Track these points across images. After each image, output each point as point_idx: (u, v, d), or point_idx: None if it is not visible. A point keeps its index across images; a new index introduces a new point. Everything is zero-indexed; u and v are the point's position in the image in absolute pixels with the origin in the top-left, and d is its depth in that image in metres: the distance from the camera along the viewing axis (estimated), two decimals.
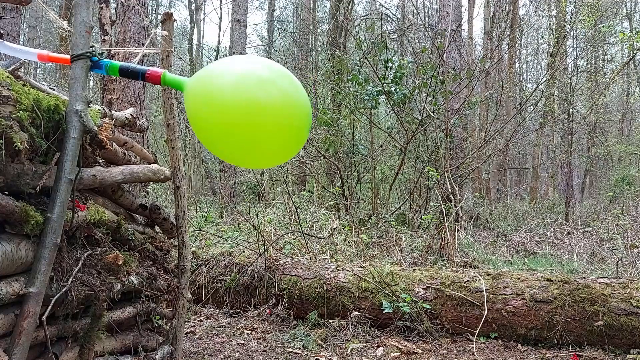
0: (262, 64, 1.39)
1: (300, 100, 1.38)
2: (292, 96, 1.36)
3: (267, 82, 1.33)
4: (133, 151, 2.14)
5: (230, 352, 2.97)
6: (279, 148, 1.41)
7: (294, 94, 1.37)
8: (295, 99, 1.37)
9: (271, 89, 1.32)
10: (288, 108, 1.34)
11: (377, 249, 5.39)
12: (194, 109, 1.39)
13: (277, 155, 1.46)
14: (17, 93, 1.29)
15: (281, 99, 1.33)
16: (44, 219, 1.37)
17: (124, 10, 4.77)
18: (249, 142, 1.34)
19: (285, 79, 1.38)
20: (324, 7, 19.84)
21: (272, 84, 1.33)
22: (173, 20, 2.17)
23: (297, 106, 1.37)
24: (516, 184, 17.25)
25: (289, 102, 1.35)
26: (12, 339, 1.30)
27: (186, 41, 19.21)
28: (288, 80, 1.38)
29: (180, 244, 2.34)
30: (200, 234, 5.36)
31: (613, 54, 17.93)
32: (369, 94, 7.23)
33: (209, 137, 1.40)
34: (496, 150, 9.92)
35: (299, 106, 1.37)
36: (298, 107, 1.37)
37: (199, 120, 1.38)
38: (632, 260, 4.74)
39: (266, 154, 1.42)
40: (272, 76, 1.35)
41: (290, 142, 1.41)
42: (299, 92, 1.39)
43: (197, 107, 1.38)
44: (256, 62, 1.40)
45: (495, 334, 3.20)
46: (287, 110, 1.34)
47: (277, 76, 1.37)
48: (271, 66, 1.39)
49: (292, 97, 1.36)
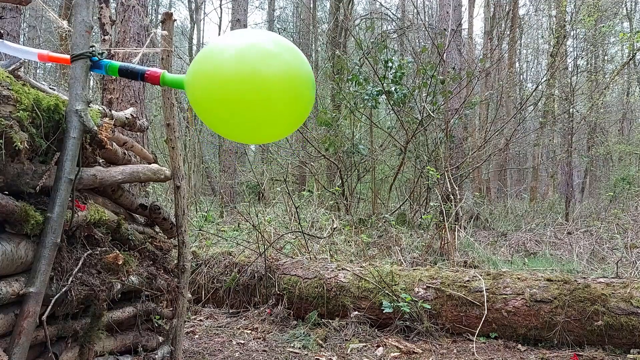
0: (265, 36, 1.39)
1: (303, 72, 1.38)
2: (295, 69, 1.36)
3: (270, 55, 1.33)
4: (133, 151, 2.14)
5: (230, 352, 2.97)
6: (282, 121, 1.41)
7: (297, 67, 1.37)
8: (298, 71, 1.37)
9: (273, 62, 1.32)
10: (291, 80, 1.34)
11: (377, 249, 5.39)
12: (196, 89, 1.38)
13: (280, 129, 1.46)
14: (17, 93, 1.29)
15: (284, 71, 1.33)
16: (43, 219, 1.37)
17: (124, 10, 4.77)
18: (251, 116, 1.34)
19: (288, 51, 1.37)
20: (324, 7, 19.84)
21: (275, 57, 1.33)
22: (173, 20, 2.17)
23: (300, 79, 1.37)
24: (516, 184, 17.26)
25: (291, 75, 1.35)
26: (12, 338, 1.30)
27: (186, 41, 19.21)
28: (291, 53, 1.38)
29: (180, 243, 2.34)
30: (200, 234, 5.36)
31: (613, 54, 17.93)
32: (369, 93, 7.23)
33: (212, 114, 1.40)
34: (496, 150, 9.93)
35: (301, 79, 1.37)
36: (301, 80, 1.37)
37: (202, 99, 1.38)
38: (632, 260, 4.74)
39: (269, 128, 1.42)
40: (275, 49, 1.35)
41: (293, 115, 1.41)
42: (302, 64, 1.39)
43: (200, 85, 1.37)
44: (259, 35, 1.39)
45: (495, 334, 3.20)
46: (290, 83, 1.34)
47: (281, 49, 1.36)
48: (275, 39, 1.39)
49: (295, 69, 1.36)
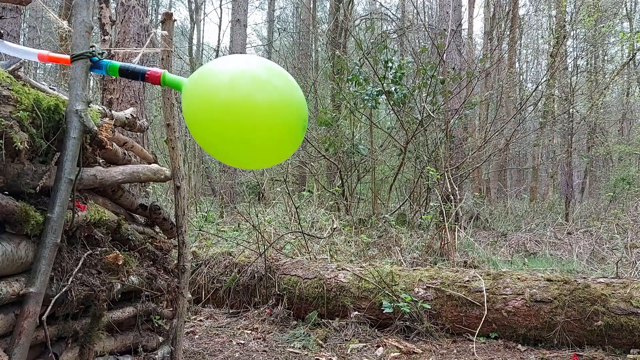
0: (258, 63, 1.38)
1: (296, 100, 1.38)
2: (288, 96, 1.35)
3: (263, 82, 1.32)
4: (133, 151, 2.14)
5: (230, 352, 2.97)
6: (274, 148, 1.40)
7: (290, 94, 1.36)
8: (291, 98, 1.36)
9: (267, 89, 1.31)
10: (284, 108, 1.33)
11: (377, 249, 5.39)
12: (190, 109, 1.38)
13: (273, 156, 1.45)
14: (17, 93, 1.29)
15: (277, 98, 1.32)
16: (44, 219, 1.37)
17: (124, 10, 4.77)
18: (244, 142, 1.33)
19: (281, 78, 1.37)
20: (324, 7, 19.85)
21: (268, 84, 1.33)
22: (173, 20, 2.17)
23: (293, 106, 1.36)
24: (516, 184, 17.26)
25: (284, 102, 1.34)
26: (12, 338, 1.30)
27: (186, 41, 19.22)
28: (284, 80, 1.37)
29: (180, 244, 2.34)
30: (200, 234, 5.36)
31: (613, 54, 17.94)
32: (369, 94, 7.23)
33: (204, 136, 1.40)
34: (496, 150, 9.93)
35: (294, 106, 1.36)
36: (294, 107, 1.36)
37: (195, 120, 1.38)
38: (632, 260, 4.74)
39: (262, 154, 1.41)
40: (268, 75, 1.34)
41: (286, 142, 1.40)
42: (294, 91, 1.38)
43: (194, 106, 1.37)
44: (252, 61, 1.39)
45: (495, 334, 3.20)
46: (283, 110, 1.33)
47: (273, 75, 1.36)
48: (267, 65, 1.38)
49: (288, 96, 1.35)
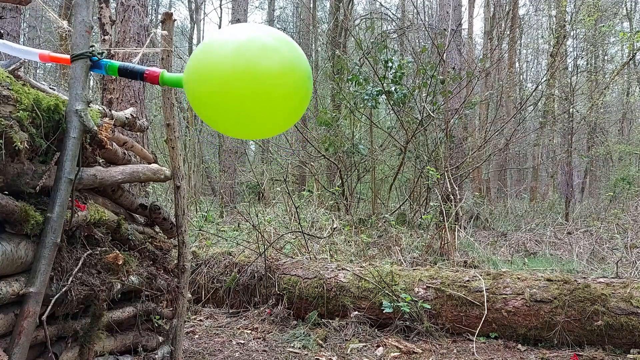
0: (262, 30, 1.40)
1: (301, 66, 1.40)
2: (293, 62, 1.38)
3: (268, 49, 1.34)
4: (133, 151, 2.14)
5: (230, 352, 2.97)
6: (280, 115, 1.42)
7: (295, 60, 1.39)
8: (296, 64, 1.38)
9: (271, 56, 1.33)
10: (290, 74, 1.36)
11: (377, 249, 5.39)
12: (194, 85, 1.39)
13: (279, 123, 1.47)
14: (17, 93, 1.29)
15: (282, 65, 1.34)
16: (43, 219, 1.37)
17: (124, 9, 4.77)
18: (249, 110, 1.35)
19: (285, 45, 1.39)
20: (324, 7, 19.85)
21: (273, 51, 1.34)
22: (173, 20, 2.17)
23: (298, 72, 1.39)
24: (516, 184, 17.26)
25: (290, 69, 1.36)
26: (12, 338, 1.30)
27: (186, 41, 19.22)
28: (288, 47, 1.39)
29: (180, 243, 2.34)
30: (200, 234, 5.36)
31: (613, 53, 17.94)
32: (369, 93, 7.23)
33: (210, 110, 1.41)
34: (496, 150, 9.93)
35: (299, 72, 1.39)
36: (299, 74, 1.39)
37: (200, 94, 1.38)
38: (632, 260, 4.74)
39: (268, 122, 1.43)
40: (274, 43, 1.36)
41: (292, 109, 1.43)
42: (299, 58, 1.41)
43: (197, 80, 1.38)
44: (256, 29, 1.40)
45: (495, 334, 3.20)
46: (289, 77, 1.35)
47: (280, 43, 1.38)
48: (272, 33, 1.40)
49: (293, 63, 1.38)
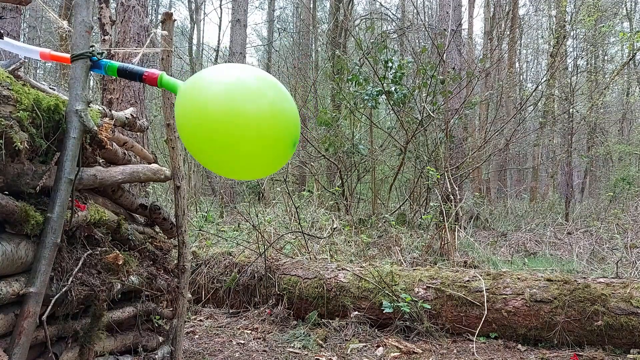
0: (251, 73, 1.38)
1: (288, 111, 1.37)
2: (280, 108, 1.35)
3: (256, 93, 1.32)
4: (133, 151, 2.14)
5: (230, 352, 2.97)
6: (265, 160, 1.40)
7: (282, 106, 1.36)
8: (282, 110, 1.36)
9: (260, 101, 1.31)
10: (276, 120, 1.33)
11: (377, 249, 5.39)
12: (182, 114, 1.38)
13: (263, 167, 1.44)
14: (17, 93, 1.29)
15: (269, 110, 1.31)
16: (44, 219, 1.37)
17: (124, 10, 4.77)
18: (235, 153, 1.33)
19: (273, 89, 1.36)
20: (324, 7, 19.85)
21: (261, 96, 1.32)
22: (173, 20, 2.17)
23: (285, 118, 1.36)
24: (516, 184, 17.26)
25: (276, 114, 1.33)
26: (12, 338, 1.30)
27: (186, 41, 19.23)
28: (275, 91, 1.37)
29: (180, 243, 2.34)
30: (200, 234, 5.36)
31: (613, 54, 17.95)
32: (369, 94, 7.23)
33: (195, 145, 1.39)
34: (496, 150, 9.93)
35: (286, 118, 1.36)
36: (286, 119, 1.36)
37: (187, 128, 1.37)
38: (632, 260, 4.74)
39: (252, 166, 1.41)
40: (260, 86, 1.34)
41: (277, 154, 1.40)
42: (286, 103, 1.38)
43: (186, 114, 1.37)
44: (245, 72, 1.38)
45: (495, 334, 3.20)
46: (275, 122, 1.33)
47: (266, 86, 1.35)
48: (260, 76, 1.38)
49: (280, 108, 1.35)
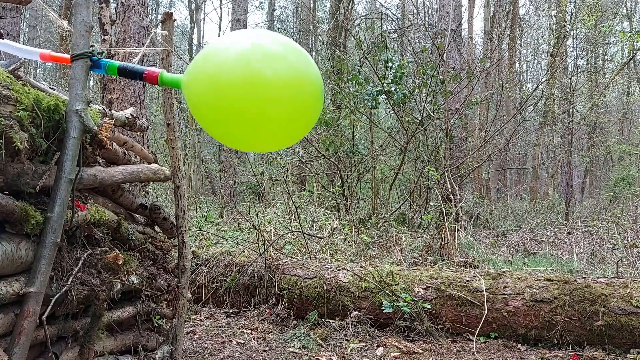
0: (269, 37, 1.29)
1: (311, 75, 1.28)
2: (302, 72, 1.26)
3: (275, 57, 1.23)
4: (133, 151, 2.14)
5: (230, 352, 2.97)
6: (288, 129, 1.30)
7: (304, 69, 1.27)
8: (305, 74, 1.26)
9: (279, 65, 1.22)
10: (297, 85, 1.24)
11: (377, 249, 5.39)
12: (194, 93, 1.30)
13: (286, 137, 1.36)
14: (17, 93, 1.29)
15: (290, 75, 1.23)
16: (44, 219, 1.37)
17: (124, 9, 4.77)
18: (255, 123, 1.24)
19: (294, 53, 1.27)
20: (324, 7, 19.85)
21: (280, 59, 1.23)
22: (173, 20, 2.17)
23: (307, 83, 1.27)
24: (516, 184, 17.26)
25: (298, 78, 1.25)
26: (12, 338, 1.30)
27: (186, 41, 19.23)
28: (297, 55, 1.27)
29: (180, 243, 2.34)
30: (200, 234, 5.36)
31: (613, 53, 17.94)
32: (369, 93, 7.23)
33: (212, 120, 1.30)
34: (496, 150, 9.93)
35: (309, 83, 1.27)
36: (308, 84, 1.27)
37: (202, 104, 1.29)
38: (632, 260, 4.74)
39: (274, 136, 1.32)
40: (280, 50, 1.25)
41: (300, 121, 1.30)
42: (309, 67, 1.28)
43: (198, 88, 1.28)
44: (263, 36, 1.30)
45: (495, 334, 3.20)
46: (297, 88, 1.24)
47: (286, 50, 1.26)
48: (279, 39, 1.29)
49: (302, 72, 1.26)
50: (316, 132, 8.64)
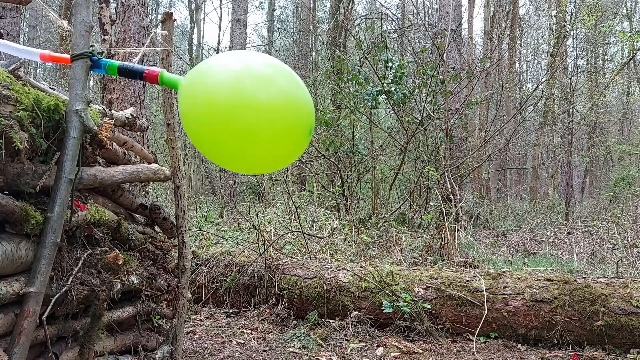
0: (261, 60, 1.31)
1: (302, 99, 1.29)
2: (293, 95, 1.28)
3: (267, 81, 1.24)
4: (133, 151, 2.14)
5: (230, 352, 2.97)
6: (278, 152, 1.31)
7: (295, 93, 1.28)
8: (295, 98, 1.28)
9: (271, 89, 1.23)
10: (289, 108, 1.25)
11: (377, 249, 5.39)
12: (187, 109, 1.31)
13: (277, 160, 1.36)
14: (17, 92, 1.29)
15: (281, 98, 1.24)
16: (44, 219, 1.37)
17: (124, 9, 4.77)
18: (245, 146, 1.25)
19: (285, 76, 1.29)
20: (324, 7, 19.85)
21: (272, 83, 1.25)
22: (173, 20, 2.17)
23: (298, 106, 1.28)
24: (516, 184, 17.27)
25: (289, 102, 1.26)
26: (12, 338, 1.30)
27: (186, 41, 19.24)
28: (288, 78, 1.29)
29: (180, 243, 2.34)
30: (200, 234, 5.36)
31: (613, 53, 17.94)
32: (369, 93, 7.23)
33: (202, 139, 1.32)
34: (496, 150, 9.94)
35: (300, 106, 1.29)
36: (299, 107, 1.28)
37: (193, 121, 1.30)
38: (632, 260, 4.74)
39: (264, 159, 1.33)
40: (271, 74, 1.27)
41: (291, 145, 1.31)
42: (299, 90, 1.30)
43: (191, 107, 1.30)
44: (255, 59, 1.31)
45: (495, 334, 3.20)
46: (288, 111, 1.25)
47: (277, 74, 1.28)
48: (271, 63, 1.31)
49: (293, 96, 1.28)
50: (316, 132, 8.64)
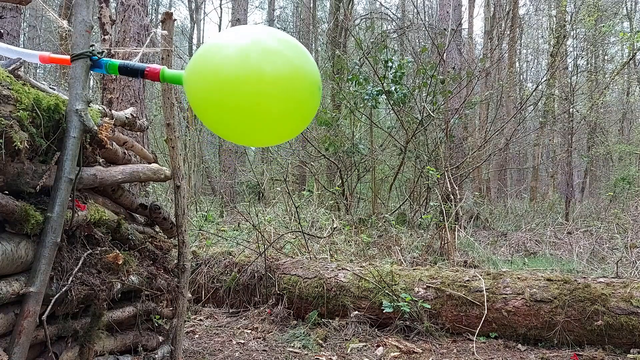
0: (268, 33, 1.32)
1: (309, 71, 1.31)
2: (300, 67, 1.29)
3: (274, 53, 1.26)
4: (133, 151, 2.14)
5: (230, 352, 2.97)
6: (287, 123, 1.34)
7: (302, 65, 1.30)
8: (303, 70, 1.30)
9: (277, 60, 1.25)
10: (295, 80, 1.27)
11: (377, 249, 5.39)
12: (195, 89, 1.32)
13: (285, 131, 1.39)
14: (17, 92, 1.29)
15: (288, 70, 1.26)
16: (44, 219, 1.37)
17: (124, 9, 4.77)
18: (254, 118, 1.27)
19: (292, 49, 1.30)
20: (324, 7, 19.84)
21: (279, 55, 1.26)
22: (173, 19, 2.17)
23: (305, 78, 1.30)
24: (516, 184, 17.27)
25: (296, 74, 1.28)
26: (12, 338, 1.30)
27: (186, 40, 19.24)
28: (295, 51, 1.30)
29: (180, 243, 2.34)
30: (200, 234, 5.36)
31: (613, 53, 17.94)
32: (369, 93, 7.23)
33: (212, 115, 1.34)
34: (496, 150, 9.94)
35: (307, 78, 1.30)
36: (306, 79, 1.30)
37: (202, 99, 1.32)
38: (632, 260, 4.75)
39: (273, 130, 1.35)
40: (278, 46, 1.28)
41: (299, 116, 1.34)
42: (307, 62, 1.32)
43: (199, 84, 1.31)
44: (262, 32, 1.33)
45: (495, 334, 3.20)
46: (295, 83, 1.27)
47: (284, 46, 1.29)
48: (278, 35, 1.32)
49: (300, 68, 1.29)
50: (316, 132, 8.64)
